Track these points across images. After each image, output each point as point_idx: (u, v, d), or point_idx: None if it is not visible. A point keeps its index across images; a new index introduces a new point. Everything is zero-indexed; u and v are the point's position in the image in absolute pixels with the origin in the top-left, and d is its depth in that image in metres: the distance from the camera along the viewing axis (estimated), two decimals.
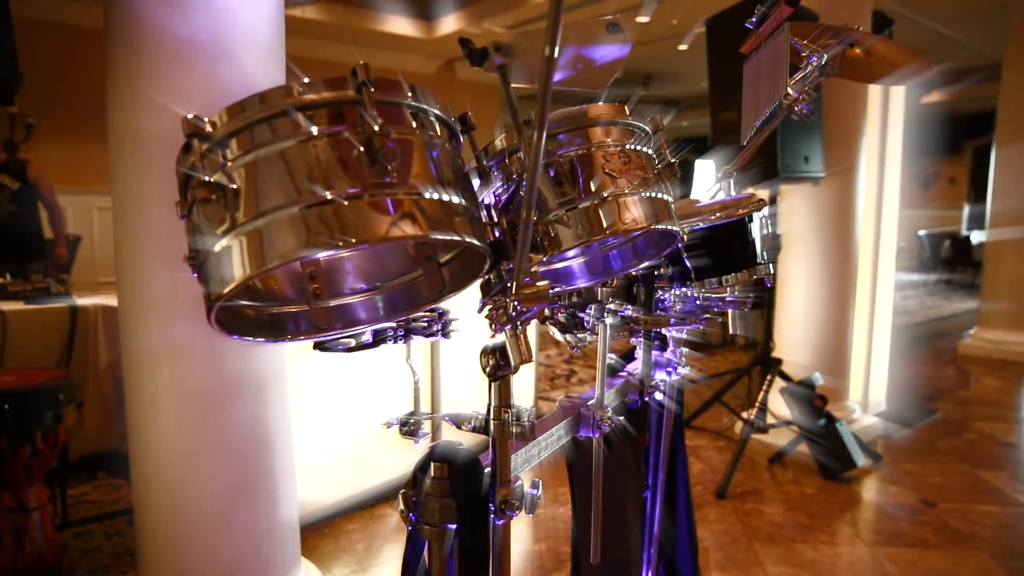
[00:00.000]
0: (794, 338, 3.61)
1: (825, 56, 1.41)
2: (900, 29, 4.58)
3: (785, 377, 3.38)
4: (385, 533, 2.62)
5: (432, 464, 0.93)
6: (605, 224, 0.92)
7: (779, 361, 3.36)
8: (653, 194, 0.98)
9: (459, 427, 0.99)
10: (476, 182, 0.99)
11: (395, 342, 1.06)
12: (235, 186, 0.72)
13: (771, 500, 2.94)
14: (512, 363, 0.89)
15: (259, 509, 1.76)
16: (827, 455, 3.15)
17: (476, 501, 0.93)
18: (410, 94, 0.80)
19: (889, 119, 3.89)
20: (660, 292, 1.64)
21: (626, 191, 0.95)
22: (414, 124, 0.80)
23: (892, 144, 3.94)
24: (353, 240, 0.71)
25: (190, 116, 0.75)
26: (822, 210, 3.48)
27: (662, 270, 1.61)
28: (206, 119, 0.75)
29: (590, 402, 1.33)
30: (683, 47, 8.30)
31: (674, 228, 0.99)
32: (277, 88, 0.76)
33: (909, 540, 2.61)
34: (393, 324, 1.04)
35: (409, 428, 1.05)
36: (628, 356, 1.79)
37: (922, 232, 11.98)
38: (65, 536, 2.51)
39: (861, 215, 3.59)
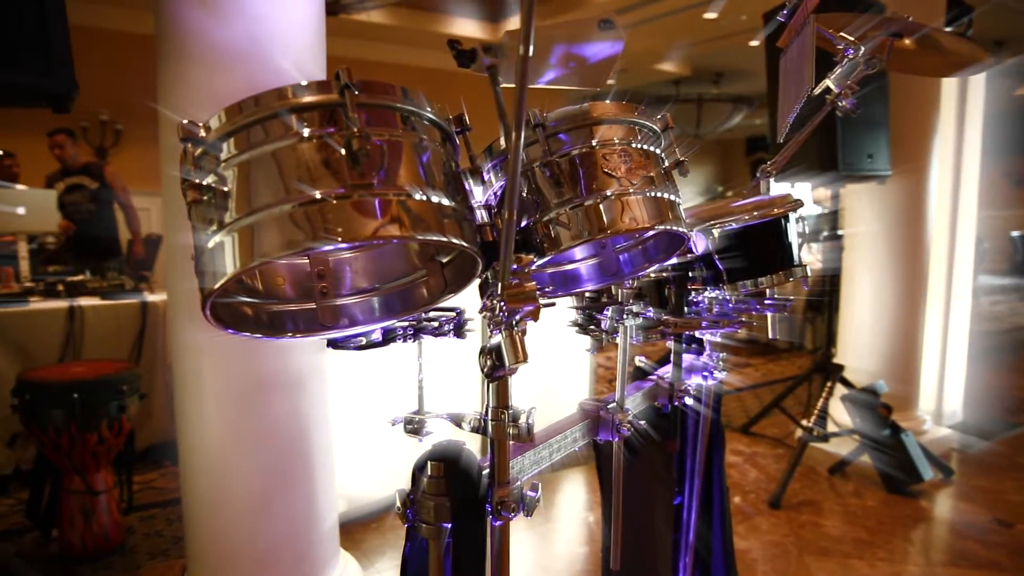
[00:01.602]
0: (859, 343, 3.46)
1: (862, 49, 1.34)
2: (986, 15, 4.30)
3: (847, 384, 3.23)
4: None
5: (429, 462, 0.93)
6: (604, 224, 0.90)
7: (840, 367, 3.22)
8: (658, 194, 0.95)
9: (459, 426, 1.00)
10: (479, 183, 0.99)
11: (404, 341, 1.08)
12: (225, 188, 0.75)
13: (828, 512, 2.82)
14: (507, 364, 0.89)
15: (296, 501, 1.81)
16: (891, 467, 2.99)
17: (472, 501, 0.93)
18: (401, 97, 0.82)
19: (967, 113, 3.66)
20: (693, 294, 1.60)
21: (630, 191, 0.93)
22: (404, 126, 0.81)
23: (970, 140, 3.71)
24: (339, 239, 0.73)
25: (184, 121, 0.78)
26: (889, 210, 3.31)
27: (695, 272, 1.57)
28: (200, 124, 0.78)
29: (610, 405, 1.31)
30: (754, 43, 8.06)
31: (678, 229, 0.96)
32: (270, 91, 0.79)
33: (978, 562, 2.45)
34: (403, 323, 1.06)
35: (413, 427, 1.06)
36: (666, 359, 1.76)
37: (1015, 233, 11.22)
38: (131, 519, 2.66)
39: (933, 215, 3.40)
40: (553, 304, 1.00)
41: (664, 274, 1.55)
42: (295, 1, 1.70)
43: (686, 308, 1.60)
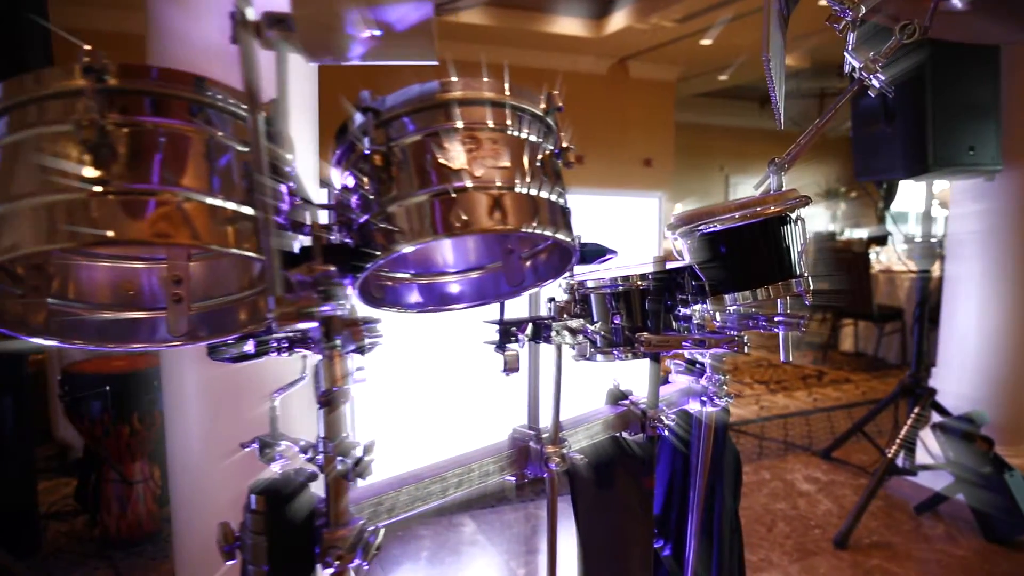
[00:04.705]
0: (962, 364, 2.99)
1: (862, 9, 1.09)
2: None
3: (941, 410, 2.81)
4: (453, 544, 2.55)
5: (253, 495, 0.83)
6: (448, 224, 0.76)
7: (932, 391, 2.80)
8: (527, 191, 0.79)
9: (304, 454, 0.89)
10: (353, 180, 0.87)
11: (279, 354, 0.98)
12: None
13: (905, 557, 2.44)
14: (322, 388, 0.77)
15: None
16: (992, 510, 2.56)
17: (295, 543, 0.81)
18: (193, 86, 0.72)
19: None
20: (679, 308, 1.40)
21: (493, 184, 0.78)
22: (192, 119, 0.70)
23: None
24: (101, 236, 0.65)
25: None
26: (1001, 210, 2.83)
27: (682, 281, 1.37)
28: None
29: (544, 435, 1.15)
30: None
31: (547, 234, 0.79)
32: (51, 71, 0.71)
33: None
34: (280, 335, 0.96)
35: (268, 453, 0.96)
36: (664, 381, 1.57)
37: None
38: (169, 511, 2.74)
39: None
40: (378, 319, 0.86)
41: (643, 284, 1.36)
42: None
43: (674, 323, 1.40)
